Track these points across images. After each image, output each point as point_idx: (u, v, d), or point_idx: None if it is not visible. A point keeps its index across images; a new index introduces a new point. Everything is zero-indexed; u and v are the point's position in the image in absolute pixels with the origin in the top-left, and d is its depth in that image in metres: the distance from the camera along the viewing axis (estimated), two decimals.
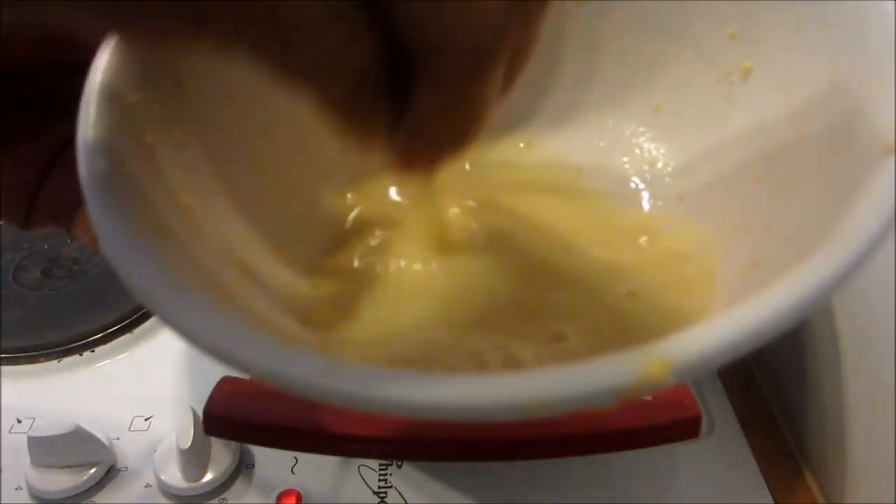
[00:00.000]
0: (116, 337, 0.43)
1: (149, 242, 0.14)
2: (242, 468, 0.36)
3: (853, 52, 0.16)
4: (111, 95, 0.16)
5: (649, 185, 0.24)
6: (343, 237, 0.23)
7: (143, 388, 0.40)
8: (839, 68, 0.17)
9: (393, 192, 0.24)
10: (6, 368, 0.42)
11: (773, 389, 0.42)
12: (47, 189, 0.20)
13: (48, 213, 0.20)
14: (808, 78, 0.18)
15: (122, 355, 0.43)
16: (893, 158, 0.14)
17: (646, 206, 0.23)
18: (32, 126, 0.20)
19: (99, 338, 0.43)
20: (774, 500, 0.35)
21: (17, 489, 0.35)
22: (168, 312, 0.13)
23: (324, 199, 0.24)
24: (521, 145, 0.26)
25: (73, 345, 0.43)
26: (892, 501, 0.31)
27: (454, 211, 0.23)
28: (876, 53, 0.16)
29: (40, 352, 0.43)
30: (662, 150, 0.24)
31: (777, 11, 0.19)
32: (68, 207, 0.20)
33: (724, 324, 0.12)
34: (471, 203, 0.24)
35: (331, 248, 0.23)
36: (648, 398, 0.32)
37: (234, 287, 0.17)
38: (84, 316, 0.44)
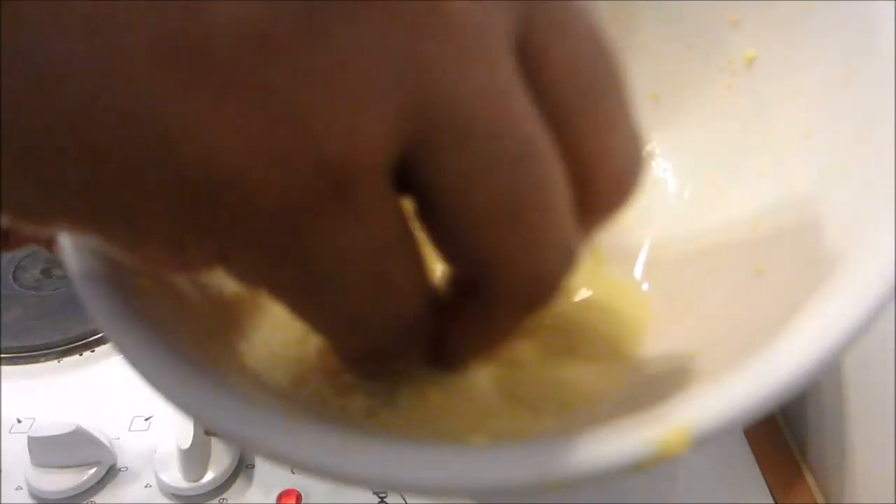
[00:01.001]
0: None
1: (130, 298, 0.13)
2: (242, 468, 0.36)
3: (864, 52, 0.15)
4: None
5: (646, 179, 0.23)
6: None
7: (143, 388, 0.40)
8: (849, 67, 0.16)
9: None
10: (6, 368, 0.42)
11: None
12: None
13: (28, 233, 0.19)
14: (816, 73, 0.17)
15: None
16: None
17: (639, 205, 0.22)
18: None
19: (99, 338, 0.43)
20: (774, 500, 0.35)
21: (17, 489, 0.35)
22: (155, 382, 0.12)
23: None
24: None
25: (73, 345, 0.43)
26: (893, 502, 0.31)
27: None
28: (887, 49, 0.14)
29: (40, 352, 0.42)
30: (661, 141, 0.22)
31: None
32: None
33: (744, 386, 0.10)
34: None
35: None
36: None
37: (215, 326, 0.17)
38: (84, 316, 0.44)
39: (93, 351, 0.43)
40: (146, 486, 0.35)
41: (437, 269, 0.18)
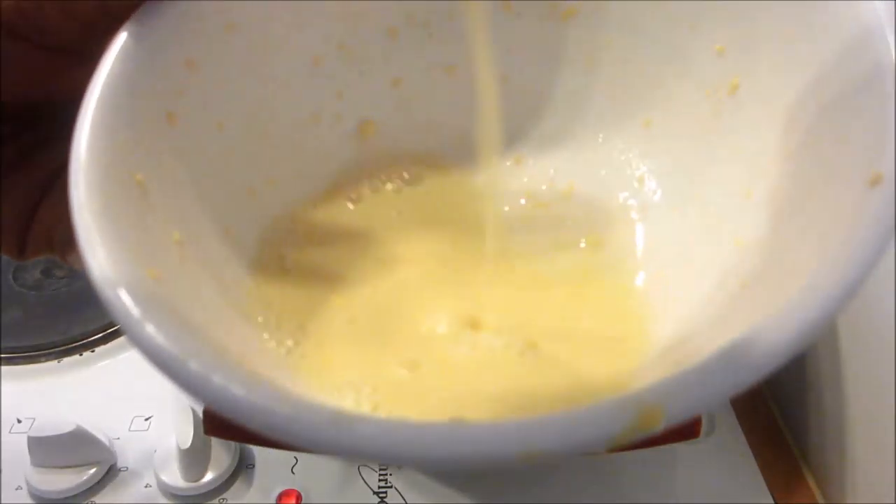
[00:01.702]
0: (116, 337, 0.43)
1: (144, 293, 0.14)
2: (242, 468, 0.36)
3: (838, 74, 0.16)
4: (103, 132, 0.16)
5: (638, 203, 0.23)
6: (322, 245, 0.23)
7: (143, 388, 0.40)
8: (824, 90, 0.17)
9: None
10: (6, 368, 0.42)
11: (773, 389, 0.42)
12: (40, 218, 0.20)
13: (42, 243, 0.20)
14: (795, 98, 0.18)
15: (122, 355, 0.43)
16: (879, 189, 0.13)
17: (632, 227, 0.23)
18: (23, 157, 0.19)
19: (99, 338, 0.43)
20: (774, 500, 0.35)
21: (17, 489, 0.35)
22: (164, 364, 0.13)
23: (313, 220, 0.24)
24: (509, 163, 0.25)
25: (73, 345, 0.43)
26: (893, 502, 0.31)
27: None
28: (862, 78, 0.15)
29: (40, 352, 0.42)
30: (652, 167, 0.23)
31: (765, 29, 0.19)
32: (61, 236, 0.20)
33: (714, 368, 0.12)
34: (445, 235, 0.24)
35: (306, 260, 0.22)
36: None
37: (225, 322, 0.17)
38: (84, 316, 0.44)
39: (93, 351, 0.43)
40: (146, 486, 0.35)
41: None
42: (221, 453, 0.35)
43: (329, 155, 0.24)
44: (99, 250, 0.14)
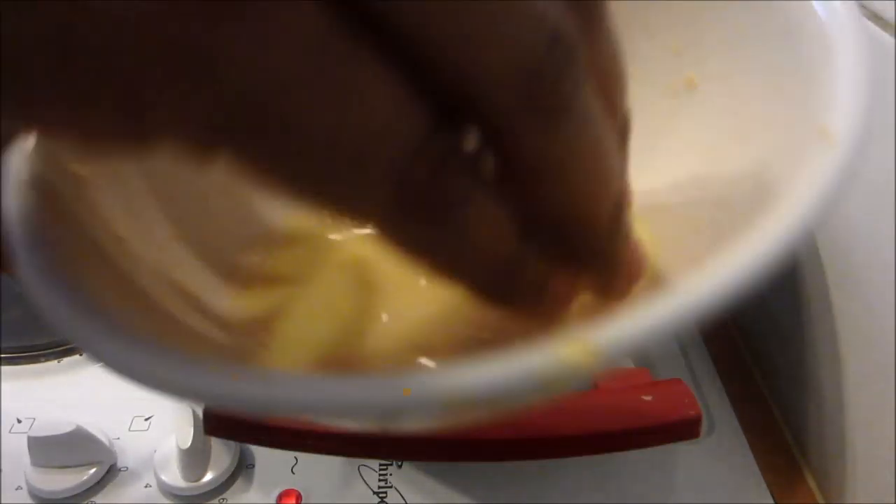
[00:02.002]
0: None
1: (73, 275, 0.14)
2: (242, 468, 0.36)
3: (788, 65, 0.17)
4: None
5: None
6: (280, 247, 0.23)
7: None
8: (777, 79, 0.17)
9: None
10: (6, 368, 0.42)
11: (773, 389, 0.42)
12: None
13: None
14: (750, 91, 0.18)
15: None
16: (828, 141, 0.14)
17: None
18: None
19: None
20: (774, 500, 0.35)
21: (17, 489, 0.35)
22: (103, 356, 0.13)
23: (268, 219, 0.24)
24: None
25: (73, 345, 0.43)
26: (893, 501, 0.31)
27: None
28: (810, 66, 0.16)
29: (40, 352, 0.43)
30: None
31: (718, 25, 0.20)
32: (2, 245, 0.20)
33: (649, 305, 0.12)
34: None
35: (265, 260, 0.23)
36: (648, 398, 0.32)
37: (169, 305, 0.17)
38: None
39: None
40: (146, 486, 0.35)
41: None
42: (221, 453, 0.35)
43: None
44: (31, 257, 0.14)
